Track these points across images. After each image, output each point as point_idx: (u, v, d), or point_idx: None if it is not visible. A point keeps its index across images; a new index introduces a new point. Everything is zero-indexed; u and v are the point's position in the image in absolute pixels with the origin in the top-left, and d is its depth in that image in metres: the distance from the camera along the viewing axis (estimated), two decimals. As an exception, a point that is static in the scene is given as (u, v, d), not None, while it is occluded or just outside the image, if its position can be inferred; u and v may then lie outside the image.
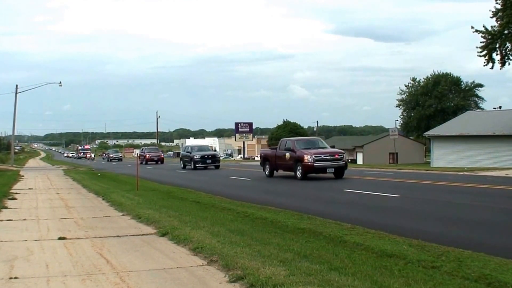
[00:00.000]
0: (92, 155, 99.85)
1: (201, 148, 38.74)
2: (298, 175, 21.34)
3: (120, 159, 71.82)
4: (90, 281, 5.45)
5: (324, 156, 21.36)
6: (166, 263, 6.23)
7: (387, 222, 9.53)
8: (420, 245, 6.92)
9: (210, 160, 35.35)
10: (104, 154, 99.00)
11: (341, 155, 21.80)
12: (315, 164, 20.92)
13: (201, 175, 29.80)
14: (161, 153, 57.12)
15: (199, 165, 34.67)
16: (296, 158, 21.61)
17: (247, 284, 5.09)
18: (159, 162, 51.08)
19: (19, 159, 76.95)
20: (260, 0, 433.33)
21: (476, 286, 5.09)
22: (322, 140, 25.92)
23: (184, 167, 36.47)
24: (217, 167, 35.46)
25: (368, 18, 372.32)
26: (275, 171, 24.13)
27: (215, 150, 43.76)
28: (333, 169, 21.35)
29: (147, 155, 51.52)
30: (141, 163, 49.52)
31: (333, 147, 24.31)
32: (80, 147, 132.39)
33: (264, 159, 25.15)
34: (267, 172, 24.47)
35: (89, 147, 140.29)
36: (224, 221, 9.45)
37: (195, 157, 34.92)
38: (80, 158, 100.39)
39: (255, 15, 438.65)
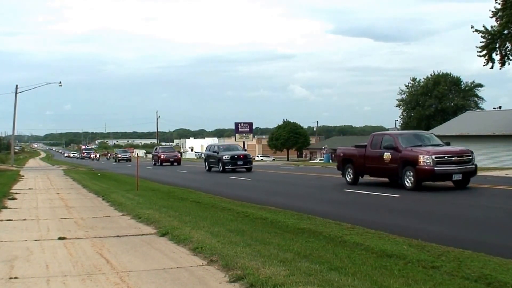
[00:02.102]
0: (97, 155, 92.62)
1: (229, 147, 33.69)
2: (407, 184, 15.35)
3: (129, 160, 64.96)
4: (90, 281, 5.45)
5: (448, 157, 15.24)
6: (166, 263, 6.23)
7: (387, 222, 9.54)
8: (420, 245, 6.92)
9: (242, 161, 30.55)
10: (108, 154, 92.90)
11: (469, 156, 15.62)
12: (436, 168, 14.82)
13: (201, 175, 29.80)
14: (177, 153, 52.44)
15: (229, 167, 30.00)
16: (404, 159, 15.63)
17: (247, 284, 5.09)
18: (176, 163, 46.06)
19: (19, 159, 76.96)
20: (260, 0, 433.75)
21: (476, 286, 5.09)
22: (432, 134, 18.68)
23: (209, 170, 32.44)
24: (249, 169, 30.57)
25: (368, 18, 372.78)
26: (360, 177, 18.30)
27: (245, 150, 38.00)
28: (461, 175, 15.10)
29: (162, 155, 46.88)
30: (155, 164, 47.27)
31: (448, 144, 17.16)
32: (83, 147, 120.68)
33: (345, 161, 18.76)
34: (348, 178, 18.32)
35: (93, 146, 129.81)
36: (224, 221, 9.45)
37: (223, 157, 30.28)
38: (83, 158, 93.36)
39: (255, 15, 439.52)
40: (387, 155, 16.37)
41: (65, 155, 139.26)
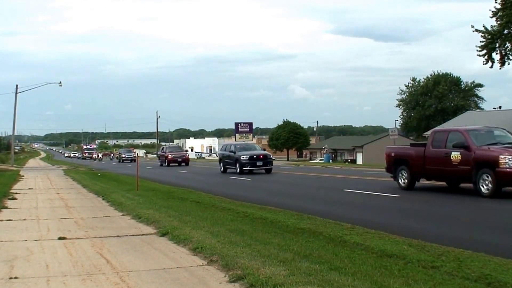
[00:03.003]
0: (100, 155, 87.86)
1: (247, 147, 31.03)
2: (483, 190, 12.99)
3: (133, 160, 57.62)
4: (90, 281, 5.45)
5: None
6: (166, 263, 6.23)
7: (387, 222, 9.54)
8: (420, 245, 6.92)
9: (261, 162, 27.98)
10: (111, 154, 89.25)
11: None
12: None
13: (201, 175, 29.82)
14: (185, 153, 49.54)
15: (247, 168, 27.64)
16: (479, 160, 13.20)
17: (247, 284, 5.09)
18: (183, 164, 43.51)
19: (19, 159, 76.96)
20: (260, 0, 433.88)
21: (476, 286, 5.09)
22: (505, 130, 15.61)
23: (224, 171, 29.93)
24: (269, 170, 28.14)
25: (369, 18, 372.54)
26: (416, 181, 15.65)
27: (264, 149, 35.02)
28: None
29: (169, 156, 44.11)
30: (161, 165, 44.89)
31: None
32: (85, 146, 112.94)
33: (398, 162, 16.00)
34: (402, 182, 15.62)
35: (95, 146, 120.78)
36: (224, 221, 9.45)
37: (241, 158, 27.82)
38: (84, 158, 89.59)
39: (256, 15, 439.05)
40: (455, 155, 13.87)
41: (66, 155, 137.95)
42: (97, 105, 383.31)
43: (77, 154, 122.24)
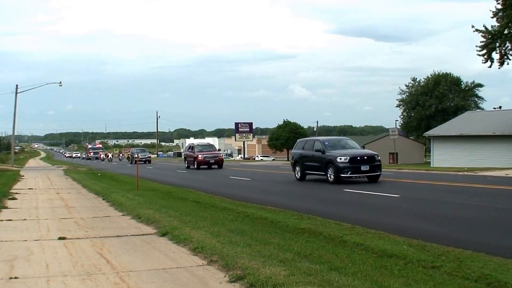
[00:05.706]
0: (110, 155, 76.72)
1: (338, 144, 21.24)
2: None
3: (148, 161, 52.85)
4: (90, 281, 5.45)
5: None
6: (166, 263, 6.23)
7: (387, 222, 9.53)
8: (420, 245, 6.91)
9: (367, 166, 19.01)
10: (121, 154, 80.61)
11: None
12: None
13: (201, 174, 29.76)
14: (219, 152, 40.76)
15: (347, 174, 18.93)
16: None
17: (247, 284, 5.09)
18: (216, 166, 35.70)
19: (19, 159, 76.93)
20: (261, 0, 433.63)
21: (476, 286, 5.09)
22: None
23: (302, 178, 21.41)
24: (376, 178, 19.25)
25: (369, 18, 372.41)
26: None
27: (363, 147, 26.75)
28: None
29: (199, 156, 35.49)
30: (188, 167, 36.91)
31: None
32: (90, 146, 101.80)
33: None
34: None
35: (101, 145, 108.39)
36: (224, 221, 9.45)
37: (338, 160, 18.97)
38: (89, 159, 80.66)
39: (256, 15, 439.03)
40: None
41: (67, 155, 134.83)
42: (97, 105, 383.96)
43: (79, 154, 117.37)
